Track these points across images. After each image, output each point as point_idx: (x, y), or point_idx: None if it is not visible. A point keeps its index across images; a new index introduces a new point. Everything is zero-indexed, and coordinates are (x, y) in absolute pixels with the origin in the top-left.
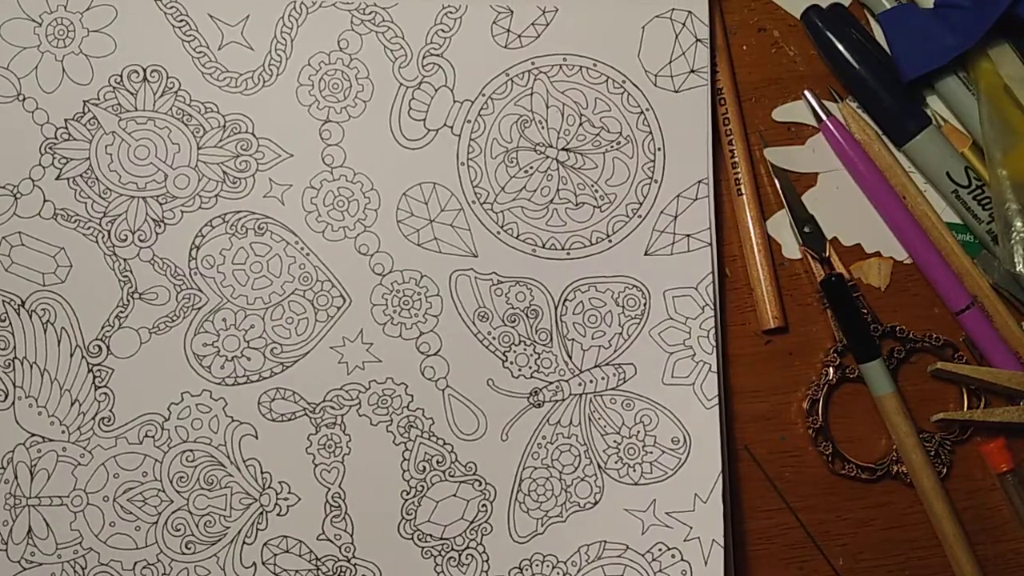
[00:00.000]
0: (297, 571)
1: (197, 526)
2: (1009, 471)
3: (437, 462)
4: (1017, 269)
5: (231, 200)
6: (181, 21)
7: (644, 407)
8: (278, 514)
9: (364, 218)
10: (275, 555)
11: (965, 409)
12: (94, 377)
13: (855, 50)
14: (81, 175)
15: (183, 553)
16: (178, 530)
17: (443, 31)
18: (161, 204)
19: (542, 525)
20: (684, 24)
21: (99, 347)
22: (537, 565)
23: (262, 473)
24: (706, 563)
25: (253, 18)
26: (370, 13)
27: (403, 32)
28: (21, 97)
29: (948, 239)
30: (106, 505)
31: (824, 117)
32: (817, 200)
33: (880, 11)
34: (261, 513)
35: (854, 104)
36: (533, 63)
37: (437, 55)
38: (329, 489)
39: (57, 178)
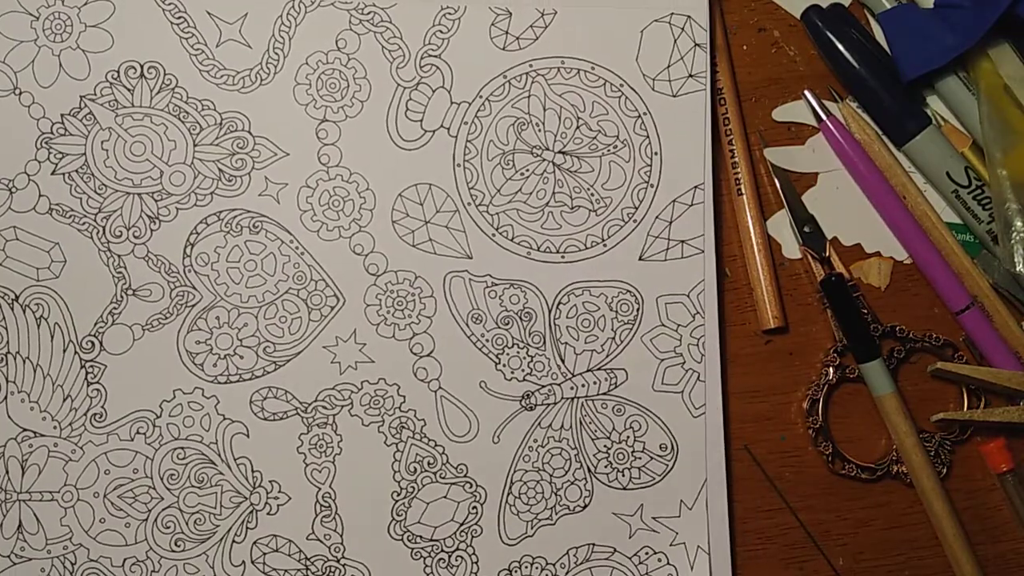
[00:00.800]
0: (286, 570)
1: (187, 524)
2: (1009, 471)
3: (428, 463)
4: (1017, 269)
5: (226, 198)
6: (179, 18)
7: (634, 413)
8: (268, 513)
9: (359, 218)
10: (264, 554)
11: (965, 409)
12: (87, 373)
13: (855, 50)
14: (77, 171)
15: (172, 550)
16: (168, 527)
17: (441, 32)
18: (156, 201)
19: (532, 527)
20: (683, 29)
21: (92, 343)
22: (526, 567)
23: (253, 472)
24: (692, 568)
25: (251, 16)
26: (369, 13)
27: (401, 32)
28: (17, 91)
29: (948, 239)
30: (96, 501)
31: (824, 117)
32: (817, 200)
33: (880, 11)
34: (251, 512)
35: (854, 104)
36: (531, 65)
37: (435, 56)
38: (319, 489)
39: (53, 173)
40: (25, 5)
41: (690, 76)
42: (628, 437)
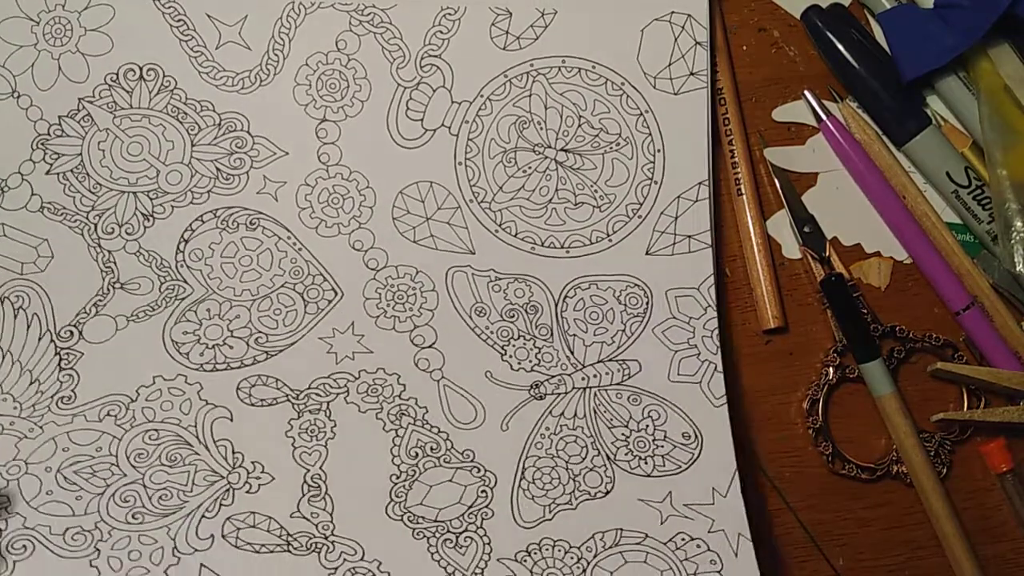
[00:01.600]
0: (264, 545)
1: (150, 499)
2: (1009, 471)
3: (431, 449)
4: (1017, 269)
5: (223, 196)
6: (179, 21)
7: (651, 402)
8: (248, 491)
9: (359, 215)
10: (238, 529)
11: (965, 409)
12: (60, 359)
13: (855, 50)
14: (72, 170)
15: (127, 523)
16: (126, 502)
17: (441, 32)
18: (152, 199)
19: (550, 511)
20: (683, 27)
21: (71, 332)
22: (547, 549)
23: (233, 453)
24: (736, 555)
25: (251, 18)
26: (369, 14)
27: (401, 33)
28: (16, 94)
29: (948, 239)
30: (47, 475)
31: (824, 117)
32: (817, 200)
33: (880, 11)
34: (228, 490)
35: (854, 104)
36: (532, 65)
37: (435, 56)
38: (308, 470)
39: (47, 173)
40: (26, 10)
41: (691, 74)
42: (647, 426)
